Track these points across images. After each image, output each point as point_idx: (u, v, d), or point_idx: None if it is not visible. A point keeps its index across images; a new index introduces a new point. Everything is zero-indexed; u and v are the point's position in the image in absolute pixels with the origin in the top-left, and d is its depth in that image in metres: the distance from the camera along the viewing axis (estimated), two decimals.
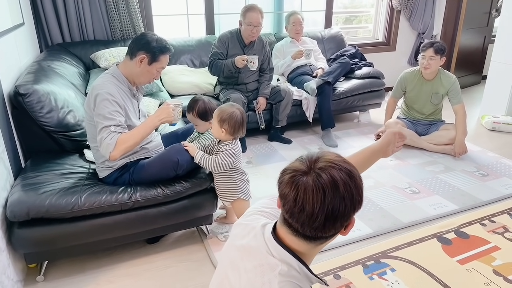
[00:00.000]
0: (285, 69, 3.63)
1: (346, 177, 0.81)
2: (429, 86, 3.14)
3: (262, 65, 3.20)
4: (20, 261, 1.80)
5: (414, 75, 3.20)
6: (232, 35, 3.09)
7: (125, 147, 1.74)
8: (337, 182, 0.80)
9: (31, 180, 1.79)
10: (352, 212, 0.83)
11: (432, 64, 3.02)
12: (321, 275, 1.83)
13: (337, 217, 0.81)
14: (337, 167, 0.82)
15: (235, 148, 1.90)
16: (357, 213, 0.85)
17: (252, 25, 2.96)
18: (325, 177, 0.80)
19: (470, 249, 2.02)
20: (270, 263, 0.87)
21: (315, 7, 4.41)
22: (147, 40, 1.82)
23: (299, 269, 0.85)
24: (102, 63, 2.99)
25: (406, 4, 4.52)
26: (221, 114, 1.86)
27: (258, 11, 2.97)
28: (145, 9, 3.49)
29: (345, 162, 0.84)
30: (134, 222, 1.83)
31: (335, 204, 0.79)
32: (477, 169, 2.89)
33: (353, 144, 3.32)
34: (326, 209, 0.79)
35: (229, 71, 3.01)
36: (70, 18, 3.12)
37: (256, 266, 0.89)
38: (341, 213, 0.80)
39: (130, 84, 1.89)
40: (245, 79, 3.15)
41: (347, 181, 0.81)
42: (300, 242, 0.87)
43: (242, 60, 2.89)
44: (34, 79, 2.07)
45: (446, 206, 2.41)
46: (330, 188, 0.79)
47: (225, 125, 1.85)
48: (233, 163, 1.90)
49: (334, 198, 0.79)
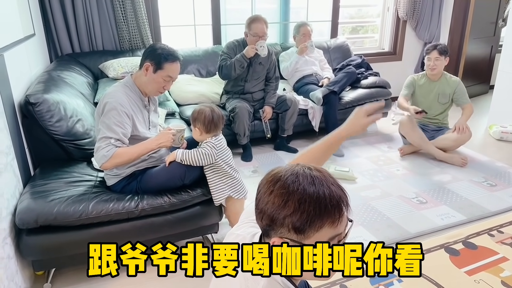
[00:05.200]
0: (293, 66, 3.63)
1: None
2: (435, 86, 3.22)
3: (268, 74, 3.23)
4: (28, 268, 1.82)
5: (420, 77, 3.31)
6: (239, 43, 3.14)
7: (119, 161, 1.77)
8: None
9: (40, 188, 1.81)
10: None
11: (438, 65, 3.13)
12: (327, 286, 1.82)
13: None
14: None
15: (216, 142, 1.93)
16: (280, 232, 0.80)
17: (258, 35, 2.99)
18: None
19: (478, 260, 2.00)
20: (254, 276, 0.84)
21: (321, 18, 4.45)
22: (153, 49, 1.86)
23: (282, 282, 0.83)
24: (110, 73, 3.04)
25: (412, 14, 4.53)
26: (192, 114, 1.96)
27: (263, 21, 3.01)
28: (153, 20, 3.54)
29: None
30: (141, 230, 1.84)
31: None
32: (485, 179, 2.87)
33: (360, 154, 3.31)
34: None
35: (240, 66, 3.00)
36: (79, 28, 3.18)
37: (242, 280, 0.87)
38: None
39: (142, 95, 1.92)
40: (251, 88, 3.18)
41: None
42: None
43: (252, 47, 2.92)
44: (44, 89, 2.11)
45: (454, 216, 2.39)
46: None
47: (197, 124, 1.93)
48: (215, 155, 1.90)
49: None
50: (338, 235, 0.79)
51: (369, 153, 3.32)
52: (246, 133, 3.09)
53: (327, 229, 0.77)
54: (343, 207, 0.78)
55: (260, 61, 3.09)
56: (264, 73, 3.21)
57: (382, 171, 2.99)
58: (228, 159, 1.98)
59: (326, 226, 0.76)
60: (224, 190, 1.96)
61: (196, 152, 1.87)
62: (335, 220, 0.77)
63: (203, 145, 1.91)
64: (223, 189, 1.96)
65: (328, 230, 0.77)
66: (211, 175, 1.95)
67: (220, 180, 1.95)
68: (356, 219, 2.35)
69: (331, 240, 0.78)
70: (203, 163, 1.89)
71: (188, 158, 1.86)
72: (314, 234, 0.77)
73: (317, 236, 0.77)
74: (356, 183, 2.81)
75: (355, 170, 2.97)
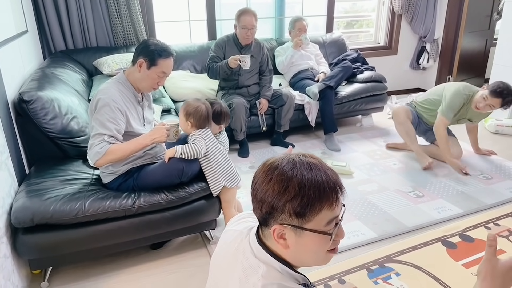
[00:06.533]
0: (289, 60, 3.62)
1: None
2: (470, 114, 2.92)
3: (261, 67, 3.23)
4: (24, 267, 1.80)
5: (467, 99, 2.83)
6: (229, 39, 3.15)
7: (112, 158, 1.77)
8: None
9: (35, 187, 1.80)
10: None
11: (486, 110, 2.77)
12: (325, 280, 1.82)
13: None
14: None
15: (203, 134, 1.96)
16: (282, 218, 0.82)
17: (246, 28, 3.02)
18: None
19: (475, 252, 2.01)
20: (252, 265, 0.87)
21: (317, 12, 4.43)
22: (146, 45, 1.84)
23: (281, 269, 0.85)
24: (105, 70, 3.01)
25: (408, 8, 4.53)
26: (187, 108, 1.95)
27: (252, 14, 3.03)
28: (147, 16, 3.51)
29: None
30: (138, 228, 1.83)
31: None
32: (481, 172, 2.88)
33: (356, 149, 3.31)
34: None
35: (224, 73, 3.04)
36: (73, 25, 3.14)
37: (241, 271, 0.89)
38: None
39: (135, 91, 1.90)
40: (245, 81, 3.17)
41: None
42: (270, 239, 0.86)
43: (235, 60, 2.92)
44: (38, 86, 2.09)
45: (451, 209, 2.40)
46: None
47: (190, 119, 1.94)
48: (205, 146, 1.93)
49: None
50: (335, 217, 0.83)
51: (365, 148, 3.33)
52: (243, 128, 3.08)
53: (326, 212, 0.80)
54: (339, 190, 0.82)
55: (251, 54, 3.08)
56: (257, 65, 3.21)
57: (378, 165, 3.00)
58: (216, 148, 2.00)
59: (325, 209, 0.80)
60: (219, 180, 1.97)
61: (193, 145, 1.89)
62: (333, 202, 0.80)
63: (193, 138, 1.93)
64: (219, 179, 1.97)
65: (326, 213, 0.80)
66: (206, 167, 1.97)
67: (214, 171, 1.97)
68: (353, 214, 2.35)
69: (329, 222, 0.82)
70: (200, 154, 1.91)
71: (187, 151, 1.88)
72: (314, 217, 0.80)
73: (316, 219, 0.80)
74: (353, 177, 2.81)
75: (352, 164, 2.98)
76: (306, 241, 0.82)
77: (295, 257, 0.86)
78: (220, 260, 0.99)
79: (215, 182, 1.96)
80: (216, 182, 1.97)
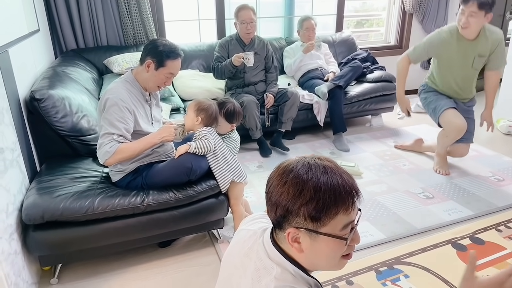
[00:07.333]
0: (297, 65, 3.61)
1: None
2: (471, 47, 2.54)
3: (266, 64, 3.26)
4: (34, 263, 1.83)
5: (452, 34, 2.55)
6: (232, 38, 3.20)
7: (122, 157, 1.79)
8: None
9: (46, 184, 1.82)
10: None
11: (472, 23, 2.42)
12: (333, 281, 1.81)
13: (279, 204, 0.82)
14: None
15: (210, 131, 2.00)
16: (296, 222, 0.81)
17: (246, 22, 3.07)
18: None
19: (485, 255, 1.98)
20: (266, 266, 0.86)
21: (326, 11, 4.41)
22: (154, 45, 1.84)
23: (294, 271, 0.85)
24: (115, 69, 3.03)
25: (419, 7, 4.48)
26: (199, 104, 2.00)
27: (249, 8, 3.09)
28: (157, 15, 3.53)
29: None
30: (146, 226, 1.84)
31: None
32: (493, 174, 2.84)
33: (365, 149, 3.29)
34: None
35: (229, 71, 3.07)
36: (84, 24, 3.17)
37: (253, 271, 0.89)
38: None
39: (143, 90, 1.91)
40: (252, 78, 3.18)
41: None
42: (284, 241, 0.85)
43: (238, 58, 2.94)
44: (49, 85, 2.11)
45: (461, 211, 2.37)
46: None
47: (202, 114, 1.98)
48: (213, 142, 1.96)
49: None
50: (351, 222, 0.82)
51: (375, 148, 3.30)
52: (258, 126, 3.07)
53: (341, 216, 0.79)
54: (355, 195, 0.81)
55: (255, 51, 3.09)
56: (262, 62, 3.23)
57: (388, 166, 2.97)
58: (222, 146, 2.03)
59: (341, 213, 0.79)
60: (227, 175, 1.99)
61: (206, 141, 1.93)
62: (348, 207, 0.80)
63: (201, 135, 1.95)
64: (226, 175, 1.99)
65: (342, 217, 0.79)
66: (214, 164, 1.98)
67: (221, 168, 1.99)
68: (362, 214, 2.34)
69: (345, 227, 0.81)
70: (211, 149, 1.94)
71: (201, 147, 1.91)
72: (329, 222, 0.79)
73: (332, 224, 0.79)
74: (362, 178, 2.79)
75: (361, 165, 2.96)
76: (321, 246, 0.81)
77: (309, 261, 0.85)
78: (233, 257, 0.99)
79: (223, 178, 1.98)
80: (224, 177, 1.98)
